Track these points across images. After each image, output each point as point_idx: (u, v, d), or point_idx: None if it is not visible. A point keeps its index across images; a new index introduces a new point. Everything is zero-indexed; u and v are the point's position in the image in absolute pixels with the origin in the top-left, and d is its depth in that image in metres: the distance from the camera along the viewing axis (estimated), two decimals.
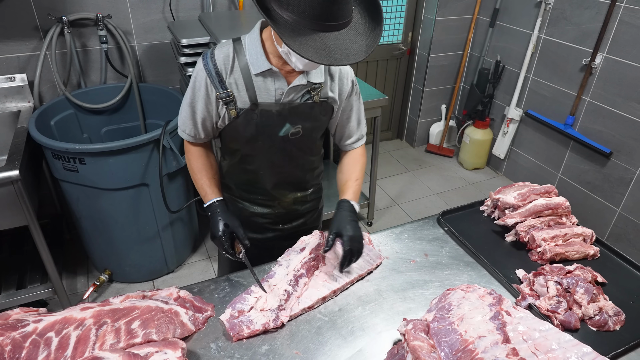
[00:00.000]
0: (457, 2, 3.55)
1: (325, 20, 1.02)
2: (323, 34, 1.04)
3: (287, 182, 1.50)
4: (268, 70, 1.25)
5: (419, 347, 1.00)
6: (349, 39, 1.07)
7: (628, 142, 2.73)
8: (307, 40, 1.02)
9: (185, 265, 2.75)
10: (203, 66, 1.27)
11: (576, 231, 1.54)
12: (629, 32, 2.60)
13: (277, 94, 1.29)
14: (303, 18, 1.02)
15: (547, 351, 0.95)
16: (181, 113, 1.38)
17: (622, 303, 1.30)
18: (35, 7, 2.33)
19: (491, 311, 1.07)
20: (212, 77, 1.26)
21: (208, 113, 1.33)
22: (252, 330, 1.19)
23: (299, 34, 1.03)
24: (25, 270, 2.40)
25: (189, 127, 1.38)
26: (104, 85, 2.61)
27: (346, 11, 1.05)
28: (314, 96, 1.32)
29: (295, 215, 1.60)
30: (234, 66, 1.26)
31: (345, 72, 1.38)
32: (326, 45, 1.03)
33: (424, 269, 1.45)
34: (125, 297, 1.25)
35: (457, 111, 4.08)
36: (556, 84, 3.12)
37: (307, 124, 1.35)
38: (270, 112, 1.30)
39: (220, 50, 1.27)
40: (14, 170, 1.85)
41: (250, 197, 1.53)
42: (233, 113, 1.29)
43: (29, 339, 1.07)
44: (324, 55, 1.03)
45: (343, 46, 1.05)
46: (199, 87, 1.29)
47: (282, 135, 1.34)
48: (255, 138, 1.35)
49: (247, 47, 1.26)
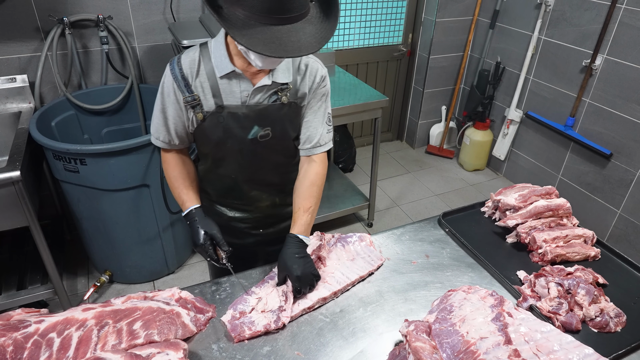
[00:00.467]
0: (457, 4, 3.56)
1: (276, 13, 1.02)
2: (275, 27, 1.03)
3: (263, 186, 1.47)
4: (232, 72, 1.24)
5: (420, 348, 1.00)
6: (303, 32, 1.06)
7: (628, 143, 2.73)
8: (257, 34, 1.02)
9: (185, 266, 2.75)
10: (170, 71, 1.26)
11: (577, 232, 1.54)
12: (629, 34, 2.61)
13: (242, 95, 1.27)
14: (254, 12, 1.02)
15: (549, 352, 0.96)
16: (153, 120, 1.36)
17: (623, 304, 1.30)
18: (36, 8, 2.33)
19: (493, 312, 1.07)
20: (179, 81, 1.25)
21: (179, 118, 1.32)
22: (254, 331, 1.19)
23: (249, 29, 1.02)
24: (25, 271, 2.40)
25: (163, 134, 1.36)
26: (104, 86, 2.61)
27: (298, 4, 1.04)
28: (282, 97, 1.29)
29: (276, 220, 1.57)
30: (200, 70, 1.25)
31: (314, 69, 1.33)
32: (277, 37, 1.03)
33: (425, 270, 1.45)
34: (127, 298, 1.24)
35: (457, 112, 4.08)
36: (556, 85, 3.13)
37: (277, 125, 1.33)
38: (236, 115, 1.28)
39: (187, 55, 1.27)
40: (15, 171, 1.85)
41: (227, 201, 1.51)
42: (200, 116, 1.28)
43: (30, 339, 1.07)
44: (274, 48, 1.02)
45: (295, 38, 1.04)
46: (167, 93, 1.28)
47: (252, 138, 1.32)
48: (223, 141, 1.33)
49: (212, 51, 1.25)
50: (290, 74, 1.29)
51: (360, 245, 1.51)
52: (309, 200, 1.38)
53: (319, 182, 1.41)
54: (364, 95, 2.72)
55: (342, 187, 3.23)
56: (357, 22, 3.51)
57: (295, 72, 1.31)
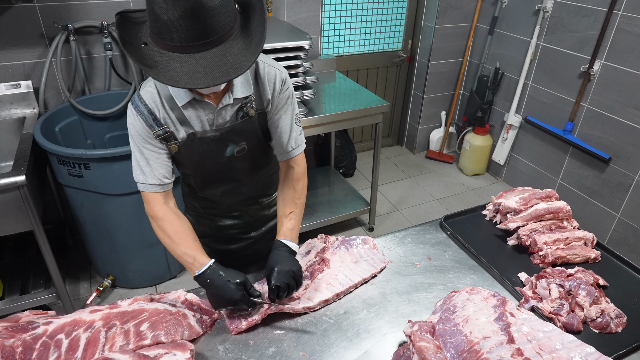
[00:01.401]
0: (456, 10, 3.60)
1: (196, 40, 0.98)
2: (200, 54, 0.99)
3: (249, 194, 1.47)
4: (192, 100, 1.20)
5: (425, 347, 1.02)
6: (230, 52, 1.01)
7: (627, 147, 2.75)
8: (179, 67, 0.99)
9: (187, 271, 2.75)
10: (135, 110, 1.21)
11: (577, 235, 1.56)
12: (627, 39, 2.64)
13: (209, 119, 1.24)
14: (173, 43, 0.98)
15: (551, 351, 0.97)
16: (136, 169, 1.26)
17: (624, 305, 1.32)
18: (41, 15, 2.36)
19: (495, 312, 1.08)
20: (146, 117, 1.20)
21: (159, 152, 1.25)
22: (249, 321, 1.21)
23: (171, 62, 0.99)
24: (28, 275, 2.41)
25: (150, 177, 1.25)
26: (108, 92, 2.63)
27: (218, 26, 0.99)
28: (248, 110, 1.26)
29: (265, 220, 1.59)
30: (162, 101, 1.21)
31: (272, 74, 1.28)
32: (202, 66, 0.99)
33: (428, 273, 1.46)
34: (133, 300, 1.26)
35: (456, 118, 4.11)
36: (555, 90, 3.16)
37: (250, 138, 1.31)
38: (209, 138, 1.25)
39: (144, 90, 1.21)
40: (21, 175, 1.86)
41: (216, 212, 1.51)
42: (174, 148, 1.25)
43: (39, 340, 1.09)
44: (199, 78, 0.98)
45: (222, 61, 1.00)
46: (140, 133, 1.22)
47: (229, 155, 1.31)
48: (202, 164, 1.31)
49: None
50: (250, 85, 1.25)
51: (363, 248, 1.53)
52: (289, 206, 1.38)
53: (299, 185, 1.40)
54: (364, 100, 2.74)
55: (343, 192, 3.25)
56: (357, 28, 3.55)
57: (254, 82, 1.27)
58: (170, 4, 0.93)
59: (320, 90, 2.90)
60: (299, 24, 3.12)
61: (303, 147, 1.41)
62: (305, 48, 2.38)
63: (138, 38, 1.05)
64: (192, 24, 0.96)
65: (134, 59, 1.02)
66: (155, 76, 1.00)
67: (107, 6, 2.48)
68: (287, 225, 1.36)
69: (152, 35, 1.02)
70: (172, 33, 0.97)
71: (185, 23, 0.95)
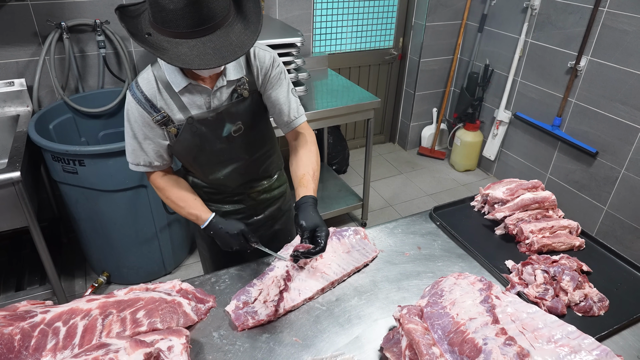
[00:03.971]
0: (447, 8, 3.65)
1: (198, 25, 1.06)
2: (203, 38, 1.08)
3: (250, 176, 1.54)
4: (189, 85, 1.28)
5: (413, 329, 1.05)
6: (233, 33, 1.11)
7: (613, 141, 2.81)
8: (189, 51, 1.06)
9: (182, 267, 2.78)
10: (132, 97, 1.28)
11: (562, 224, 1.60)
12: (612, 36, 2.70)
13: (205, 102, 1.32)
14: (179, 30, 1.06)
15: (533, 330, 1.01)
16: (127, 149, 1.37)
17: (607, 290, 1.36)
18: (34, 13, 2.37)
19: (481, 295, 1.12)
20: (143, 104, 1.28)
21: (152, 139, 1.34)
22: (257, 320, 1.23)
23: (179, 47, 1.07)
24: (23, 273, 2.43)
25: (141, 158, 1.37)
26: (101, 90, 2.65)
27: (218, 10, 1.08)
28: (242, 92, 1.35)
29: (267, 204, 1.65)
30: (159, 88, 1.28)
31: (262, 56, 1.37)
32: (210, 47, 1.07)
33: (417, 261, 1.50)
34: (129, 290, 1.29)
35: (448, 114, 4.16)
36: (543, 86, 3.21)
37: (245, 118, 1.39)
38: (207, 120, 1.33)
39: (142, 78, 1.29)
40: (15, 171, 1.88)
41: (219, 198, 1.56)
42: (173, 131, 1.32)
43: (37, 328, 1.11)
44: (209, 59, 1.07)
45: (226, 42, 1.09)
46: (135, 119, 1.30)
47: (226, 135, 1.38)
48: (202, 147, 1.38)
49: (164, 69, 1.28)
50: (242, 67, 1.34)
51: (355, 238, 1.56)
52: (313, 164, 1.44)
53: (313, 147, 1.47)
54: (356, 96, 2.78)
55: (336, 188, 3.28)
56: (349, 26, 3.58)
57: (246, 64, 1.35)
58: None
59: (313, 87, 2.94)
60: (291, 21, 3.15)
61: (305, 117, 1.50)
62: (297, 45, 2.42)
63: (139, 30, 1.12)
64: (196, 10, 1.04)
65: (146, 48, 1.08)
66: (169, 61, 1.07)
67: (100, 4, 2.50)
68: (306, 183, 1.39)
69: (156, 25, 1.09)
70: (179, 20, 1.05)
71: (190, 10, 1.04)
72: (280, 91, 1.42)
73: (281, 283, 1.33)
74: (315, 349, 1.18)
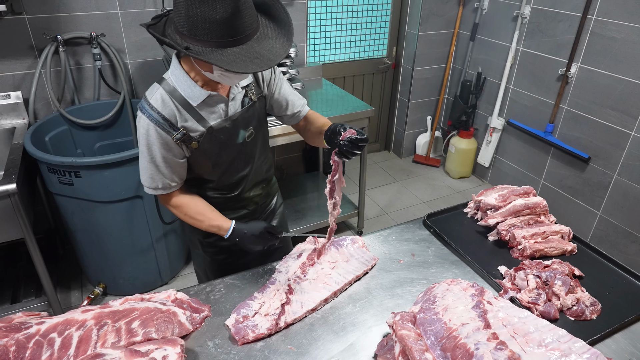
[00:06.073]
0: (439, 18, 3.70)
1: (234, 35, 1.12)
2: (240, 47, 1.13)
3: (256, 179, 1.58)
4: (208, 97, 1.30)
5: (406, 335, 1.06)
6: (265, 43, 1.18)
7: (605, 147, 2.84)
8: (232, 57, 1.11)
9: (178, 277, 2.78)
10: (149, 119, 1.26)
11: (554, 229, 1.62)
12: (600, 43, 2.74)
13: (223, 111, 1.36)
14: (218, 39, 1.11)
15: (525, 334, 1.02)
16: (144, 174, 1.35)
17: (599, 294, 1.38)
18: (30, 27, 2.40)
19: (473, 301, 1.13)
20: (162, 124, 1.27)
21: (171, 159, 1.33)
22: (257, 334, 1.22)
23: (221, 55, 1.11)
24: (19, 285, 2.43)
25: (160, 181, 1.35)
26: (97, 102, 2.67)
27: (249, 22, 1.14)
28: (251, 96, 1.42)
29: (264, 206, 1.70)
30: (176, 105, 1.28)
31: None
32: (253, 53, 1.14)
33: (411, 268, 1.51)
34: (124, 300, 1.29)
35: (442, 122, 4.20)
36: (535, 93, 3.25)
37: (255, 123, 1.46)
38: (225, 128, 1.37)
39: (152, 97, 1.27)
40: (11, 183, 1.89)
41: (224, 206, 1.54)
42: (194, 145, 1.33)
43: (32, 339, 1.11)
44: (257, 63, 1.13)
45: (263, 51, 1.16)
46: (153, 141, 1.29)
47: (241, 142, 1.43)
48: (219, 155, 1.41)
49: (177, 84, 1.28)
50: (249, 75, 1.41)
51: (353, 247, 1.57)
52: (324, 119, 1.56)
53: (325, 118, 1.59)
54: (350, 105, 2.81)
55: None
56: (342, 36, 3.62)
57: None
58: (219, 4, 1.07)
59: (307, 96, 2.96)
60: None
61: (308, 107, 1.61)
62: (290, 55, 2.45)
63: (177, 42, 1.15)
64: (239, 19, 1.11)
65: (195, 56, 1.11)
66: (228, 66, 1.10)
67: (95, 17, 2.53)
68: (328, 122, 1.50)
69: (194, 37, 1.12)
70: (223, 30, 1.10)
71: (235, 19, 1.10)
72: (285, 87, 1.53)
73: (283, 296, 1.33)
74: (310, 356, 1.19)
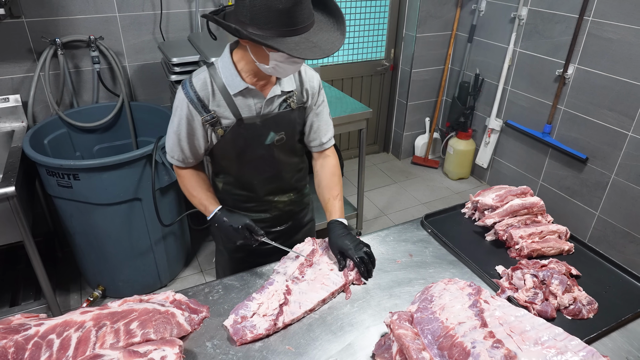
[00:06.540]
0: (436, 19, 3.71)
1: (293, 25, 1.15)
2: (297, 36, 1.16)
3: (280, 186, 1.59)
4: (245, 89, 1.35)
5: (403, 335, 1.07)
6: (321, 35, 1.21)
7: (602, 147, 2.85)
8: (291, 44, 1.15)
9: (178, 280, 2.78)
10: (184, 95, 1.34)
11: (551, 228, 1.62)
12: (597, 44, 2.75)
13: (256, 107, 1.39)
14: (277, 28, 1.14)
15: (521, 332, 1.03)
16: (168, 141, 1.45)
17: (596, 293, 1.38)
18: (29, 30, 2.41)
19: (470, 300, 1.14)
20: (195, 103, 1.34)
21: (195, 138, 1.41)
22: (256, 334, 1.22)
23: (282, 42, 1.15)
24: (18, 288, 2.43)
25: (177, 153, 1.45)
26: (96, 105, 2.68)
27: (307, 14, 1.17)
28: (290, 103, 1.44)
29: (291, 215, 1.69)
30: (214, 90, 1.35)
31: (312, 76, 1.49)
32: (310, 42, 1.17)
33: (409, 268, 1.52)
34: (123, 301, 1.30)
35: (440, 123, 4.21)
36: (533, 94, 3.26)
37: (289, 129, 1.47)
38: (254, 125, 1.40)
39: (197, 77, 1.35)
40: (10, 186, 1.90)
41: (246, 206, 1.60)
42: (220, 132, 1.38)
43: (31, 341, 1.12)
44: (315, 52, 1.16)
45: (319, 41, 1.19)
46: (182, 115, 1.36)
47: (269, 144, 1.45)
48: (244, 151, 1.44)
49: (221, 70, 1.35)
50: (293, 82, 1.43)
51: None
52: (334, 189, 1.56)
53: (337, 172, 1.60)
54: (349, 107, 2.82)
55: None
56: None
57: (296, 79, 1.45)
58: None
59: None
60: None
61: (333, 141, 1.64)
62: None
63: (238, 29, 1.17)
64: (301, 9, 1.15)
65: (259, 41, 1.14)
66: (290, 52, 1.13)
67: (94, 21, 2.54)
68: (337, 205, 1.53)
69: (257, 26, 1.15)
70: (285, 19, 1.13)
71: (297, 9, 1.14)
72: (324, 112, 1.55)
73: (281, 297, 1.33)
74: (308, 356, 1.19)
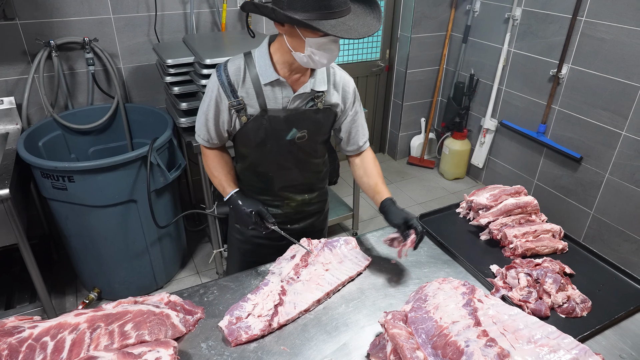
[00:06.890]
0: (431, 20, 3.72)
1: (331, 8, 1.18)
2: (334, 20, 1.19)
3: (295, 184, 1.60)
4: (276, 80, 1.38)
5: (397, 334, 1.07)
6: (357, 19, 1.24)
7: (596, 147, 2.87)
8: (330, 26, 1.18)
9: (174, 281, 2.78)
10: (217, 78, 1.39)
11: (545, 227, 1.63)
12: (591, 44, 2.77)
13: (284, 101, 1.41)
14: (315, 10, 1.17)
15: (514, 331, 1.03)
16: (198, 120, 1.51)
17: (589, 292, 1.39)
18: (23, 32, 2.40)
19: (464, 299, 1.14)
20: (225, 87, 1.39)
21: (221, 120, 1.45)
22: (250, 335, 1.22)
23: (318, 23, 1.18)
24: (13, 291, 2.42)
25: (204, 133, 1.51)
26: (91, 107, 2.67)
27: (343, 0, 1.20)
28: (317, 103, 1.45)
29: (303, 216, 1.70)
30: (245, 77, 1.39)
31: (347, 81, 1.52)
32: (346, 25, 1.20)
33: (404, 268, 1.52)
34: (118, 303, 1.30)
35: (435, 124, 4.22)
36: (527, 94, 3.28)
37: (312, 128, 1.48)
38: (278, 118, 1.42)
39: (232, 63, 1.40)
40: (4, 189, 1.89)
41: (260, 197, 1.61)
42: (244, 119, 1.42)
43: (25, 343, 1.11)
44: (351, 33, 1.19)
45: (355, 25, 1.22)
46: (212, 97, 1.41)
47: (289, 139, 1.46)
48: (264, 142, 1.46)
49: (257, 60, 1.39)
50: (325, 83, 1.45)
51: (346, 248, 1.58)
52: (380, 175, 1.61)
53: (377, 162, 1.66)
54: None
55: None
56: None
57: (329, 82, 1.47)
58: None
59: None
60: None
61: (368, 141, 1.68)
62: None
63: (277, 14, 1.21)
64: None
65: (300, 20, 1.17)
66: (328, 30, 1.16)
67: (88, 22, 2.53)
68: (385, 187, 1.57)
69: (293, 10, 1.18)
70: (323, 2, 1.16)
71: None
72: (361, 116, 1.59)
73: (276, 297, 1.33)
74: (303, 357, 1.19)
